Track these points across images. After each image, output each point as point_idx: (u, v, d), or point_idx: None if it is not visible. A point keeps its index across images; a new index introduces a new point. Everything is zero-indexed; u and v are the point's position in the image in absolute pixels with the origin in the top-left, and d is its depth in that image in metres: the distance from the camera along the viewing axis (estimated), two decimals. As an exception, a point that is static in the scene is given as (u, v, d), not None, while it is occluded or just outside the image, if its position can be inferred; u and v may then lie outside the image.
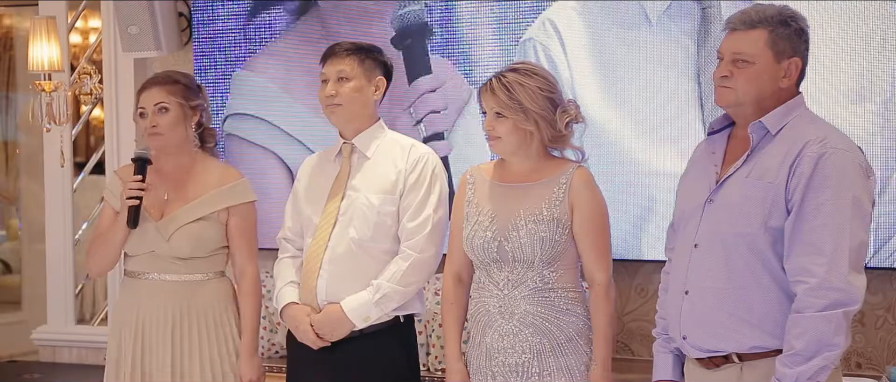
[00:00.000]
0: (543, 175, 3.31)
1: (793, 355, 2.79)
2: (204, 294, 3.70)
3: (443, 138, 4.73)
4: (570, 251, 3.29)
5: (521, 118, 3.25)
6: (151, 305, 3.67)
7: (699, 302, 2.97)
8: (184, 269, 3.68)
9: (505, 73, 3.29)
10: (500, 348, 3.29)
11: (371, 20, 4.81)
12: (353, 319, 3.50)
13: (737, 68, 2.93)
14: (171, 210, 3.68)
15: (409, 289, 3.52)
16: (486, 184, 3.37)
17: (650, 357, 3.24)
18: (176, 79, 3.71)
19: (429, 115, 4.75)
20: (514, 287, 3.28)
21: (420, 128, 4.75)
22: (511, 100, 3.24)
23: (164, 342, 3.67)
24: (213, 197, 3.69)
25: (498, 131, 3.27)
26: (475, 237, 3.32)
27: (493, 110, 3.27)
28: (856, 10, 4.19)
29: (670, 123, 4.46)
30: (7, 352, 6.31)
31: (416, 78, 4.77)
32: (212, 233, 3.69)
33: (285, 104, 4.88)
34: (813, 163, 2.83)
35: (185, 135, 3.69)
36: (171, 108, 3.65)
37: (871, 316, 4.38)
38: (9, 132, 7.42)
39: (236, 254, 3.73)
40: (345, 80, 3.53)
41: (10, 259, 7.62)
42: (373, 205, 3.53)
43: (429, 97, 4.74)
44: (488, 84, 3.29)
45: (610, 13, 4.52)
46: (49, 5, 5.44)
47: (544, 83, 3.28)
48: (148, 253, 3.67)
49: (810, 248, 2.80)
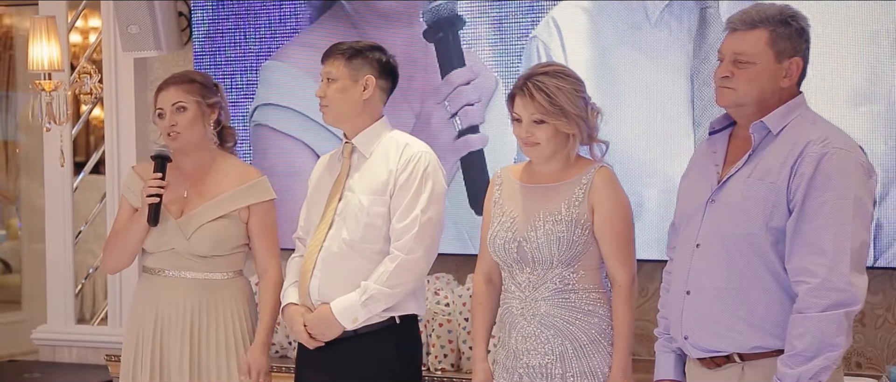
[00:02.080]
0: (568, 175, 3.27)
1: (794, 355, 2.79)
2: (222, 292, 3.71)
3: (477, 131, 4.71)
4: (592, 251, 3.25)
5: (563, 122, 3.20)
6: (170, 302, 3.69)
7: (701, 301, 2.97)
8: (203, 267, 3.69)
9: (538, 78, 3.21)
10: (524, 349, 3.27)
11: (398, 12, 4.81)
12: (340, 320, 3.50)
13: (738, 68, 2.93)
14: (191, 208, 3.70)
15: (396, 291, 3.49)
16: (514, 185, 3.35)
17: (650, 356, 3.24)
18: (193, 78, 3.74)
19: (463, 108, 4.73)
20: (534, 288, 3.26)
21: (455, 121, 4.73)
22: (552, 106, 3.18)
23: (181, 339, 3.68)
24: (233, 195, 3.71)
25: (537, 137, 3.22)
26: (497, 237, 3.30)
27: (531, 117, 3.21)
28: (857, 10, 4.18)
29: (668, 123, 4.45)
30: (7, 352, 6.31)
31: (449, 71, 4.74)
32: (232, 232, 3.70)
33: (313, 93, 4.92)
34: (815, 163, 2.82)
35: (204, 134, 3.72)
36: (188, 108, 3.68)
37: (871, 316, 4.37)
38: (9, 132, 7.41)
39: (259, 253, 3.74)
40: (332, 81, 3.54)
41: (10, 258, 7.61)
42: (363, 206, 3.52)
43: (463, 90, 4.71)
44: (525, 90, 3.21)
45: (612, 12, 4.51)
46: (49, 5, 5.44)
47: (577, 83, 3.24)
48: (168, 250, 3.69)
49: (812, 248, 2.80)
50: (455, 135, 4.72)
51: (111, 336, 5.33)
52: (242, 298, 3.76)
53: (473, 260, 3.54)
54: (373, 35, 4.58)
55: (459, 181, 4.73)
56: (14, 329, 6.43)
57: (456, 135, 4.72)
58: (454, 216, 4.59)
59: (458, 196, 4.69)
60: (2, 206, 7.67)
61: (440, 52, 4.74)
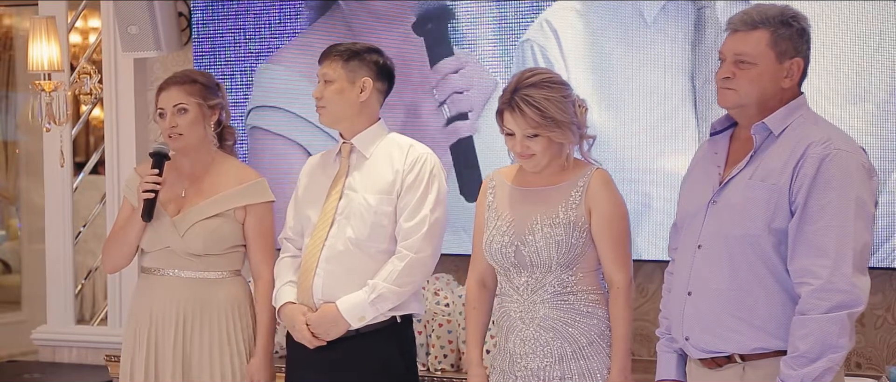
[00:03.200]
0: (563, 178, 3.26)
1: (797, 356, 2.79)
2: (219, 292, 3.71)
3: (466, 118, 4.70)
4: (590, 253, 3.24)
5: (557, 133, 3.19)
6: (164, 301, 3.69)
7: (702, 303, 2.97)
8: (199, 266, 3.69)
9: (526, 92, 3.18)
10: (522, 353, 3.26)
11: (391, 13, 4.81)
12: (348, 319, 3.50)
13: (739, 69, 2.92)
14: (188, 206, 3.70)
15: (405, 290, 3.51)
16: (507, 189, 3.34)
17: (650, 356, 3.24)
18: (194, 79, 3.73)
19: (452, 96, 4.73)
20: (533, 291, 3.25)
21: (444, 109, 4.73)
22: (544, 119, 3.16)
23: (174, 338, 3.68)
24: (230, 194, 3.71)
25: (532, 149, 3.20)
26: (493, 242, 3.29)
27: (524, 132, 3.19)
28: (853, 10, 4.19)
29: (666, 123, 4.45)
30: (7, 352, 6.30)
31: (438, 61, 4.74)
32: (227, 231, 3.70)
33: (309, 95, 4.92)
34: (816, 165, 2.82)
35: (205, 135, 3.72)
36: (190, 109, 3.68)
37: (871, 316, 4.38)
38: (9, 132, 7.41)
39: (253, 256, 3.74)
40: (329, 83, 3.54)
41: (10, 259, 7.61)
42: (370, 206, 3.53)
43: (451, 78, 4.72)
44: (514, 106, 3.18)
45: (607, 13, 4.51)
46: (49, 5, 5.44)
47: (564, 88, 3.22)
48: (163, 248, 3.69)
49: (814, 250, 2.80)
50: (444, 123, 4.73)
51: (111, 336, 5.33)
52: (239, 298, 3.74)
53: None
54: (368, 37, 4.58)
55: (450, 170, 4.70)
56: (14, 330, 6.43)
57: (445, 123, 4.73)
58: (448, 207, 4.54)
59: (450, 184, 4.68)
60: (2, 206, 7.66)
61: (429, 43, 4.75)
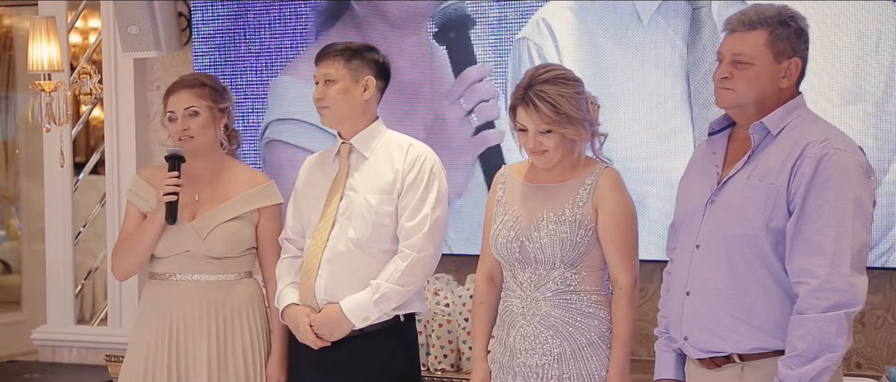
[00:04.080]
0: (573, 175, 3.26)
1: (795, 356, 2.79)
2: (236, 293, 3.72)
3: (493, 127, 4.70)
4: (595, 253, 3.24)
5: (570, 130, 3.18)
6: (187, 306, 3.69)
7: (700, 302, 2.97)
8: (217, 269, 3.70)
9: (541, 88, 3.17)
10: (522, 349, 3.26)
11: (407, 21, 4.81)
12: (351, 319, 3.50)
13: (737, 69, 2.93)
14: (204, 210, 3.71)
15: (408, 289, 3.52)
16: (517, 184, 3.34)
17: (650, 356, 3.24)
18: (203, 82, 3.74)
19: (479, 105, 4.73)
20: (536, 288, 3.25)
21: (472, 117, 4.72)
22: (558, 115, 3.16)
23: (208, 341, 3.67)
24: (245, 198, 3.73)
25: (545, 145, 3.19)
26: (499, 236, 3.29)
27: (537, 127, 3.18)
28: (851, 10, 4.19)
29: (662, 123, 4.45)
30: (7, 352, 6.31)
31: (461, 69, 4.74)
32: (245, 233, 3.72)
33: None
34: (814, 164, 2.82)
35: (215, 138, 3.73)
36: (201, 112, 3.68)
37: (871, 316, 4.38)
38: (9, 132, 7.41)
39: (266, 260, 3.76)
40: (331, 83, 3.54)
41: (10, 259, 7.61)
42: (371, 206, 3.53)
43: (477, 87, 4.72)
44: (527, 101, 3.18)
45: (603, 12, 4.52)
46: (49, 5, 5.44)
47: (577, 85, 3.22)
48: (182, 253, 3.69)
49: (812, 249, 2.80)
50: (472, 132, 4.73)
51: (111, 336, 5.33)
52: (256, 298, 3.77)
53: (473, 261, 3.54)
54: (381, 44, 4.58)
55: (480, 180, 4.71)
56: (14, 330, 6.43)
57: (473, 132, 4.73)
58: (477, 217, 4.53)
59: (479, 196, 4.65)
60: (2, 206, 7.67)
61: (452, 53, 4.74)
